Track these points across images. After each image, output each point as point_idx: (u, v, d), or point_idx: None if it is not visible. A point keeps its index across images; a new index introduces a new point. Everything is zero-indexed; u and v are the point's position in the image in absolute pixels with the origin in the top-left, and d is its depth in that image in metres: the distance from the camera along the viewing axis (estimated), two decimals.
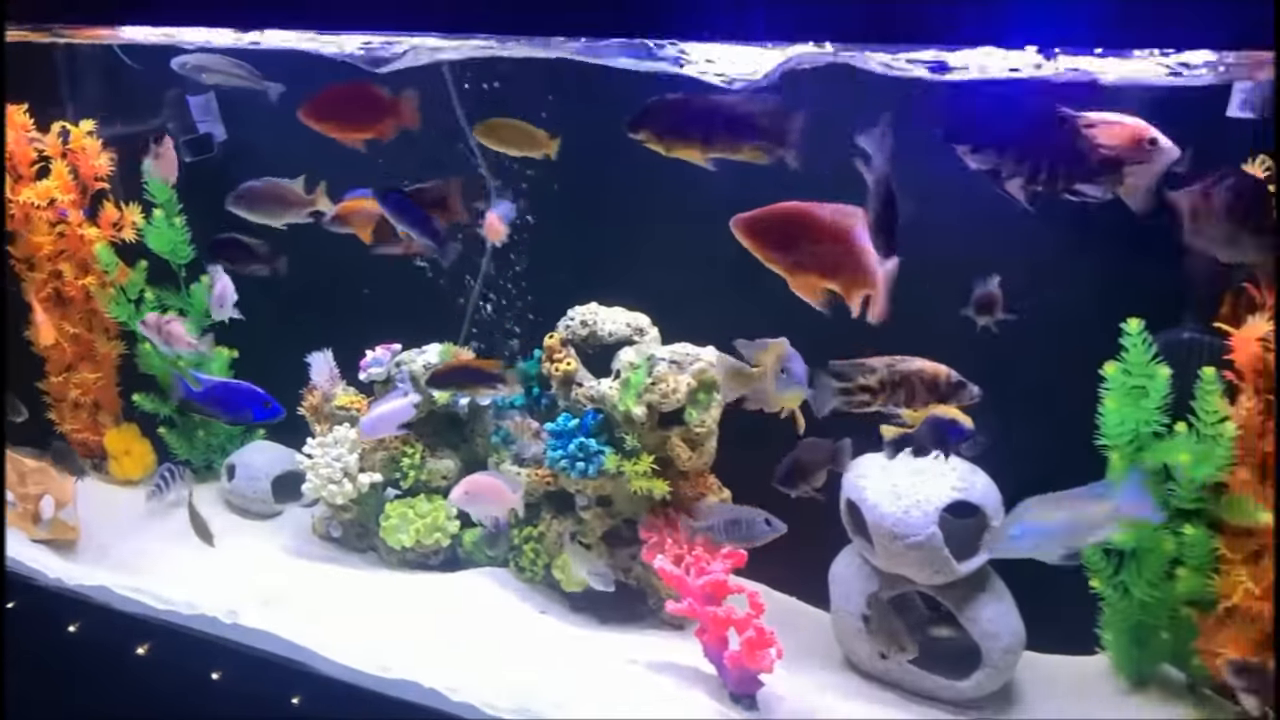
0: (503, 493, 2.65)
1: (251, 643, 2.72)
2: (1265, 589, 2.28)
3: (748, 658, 2.45)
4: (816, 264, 1.91)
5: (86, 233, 3.20)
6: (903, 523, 2.45)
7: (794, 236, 1.91)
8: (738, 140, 1.93)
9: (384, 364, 3.00)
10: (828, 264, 1.91)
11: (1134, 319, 2.27)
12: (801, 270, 1.93)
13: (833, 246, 1.90)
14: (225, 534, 3.13)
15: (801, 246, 1.91)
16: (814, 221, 1.91)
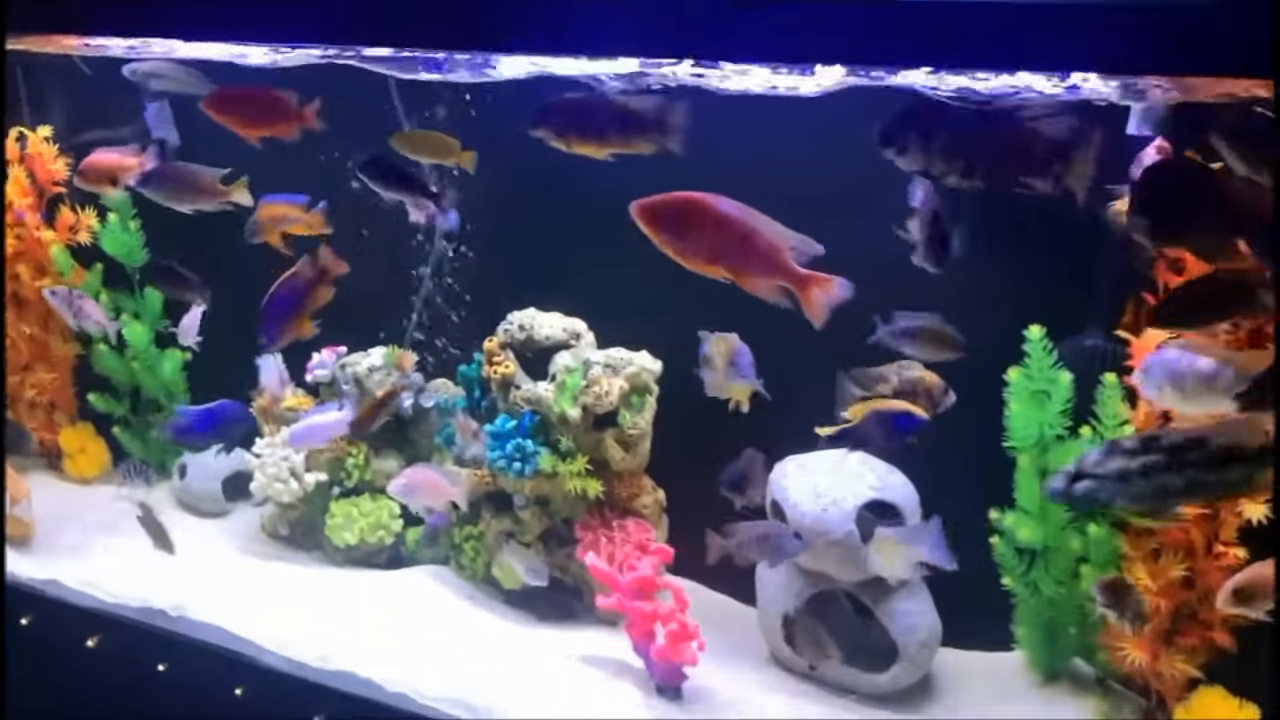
0: (441, 486, 2.74)
1: (198, 635, 2.80)
2: (1163, 586, 2.38)
3: (671, 650, 2.54)
4: (711, 254, 1.98)
5: (43, 235, 3.27)
6: (821, 520, 2.55)
7: (690, 224, 1.98)
8: (628, 135, 2.02)
9: (329, 366, 3.09)
10: (722, 255, 1.97)
11: (1035, 326, 2.38)
12: (694, 257, 1.99)
13: (729, 239, 1.96)
14: (176, 532, 3.20)
15: (695, 235, 1.97)
16: (711, 211, 1.97)
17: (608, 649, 2.76)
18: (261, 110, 2.52)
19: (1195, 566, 2.37)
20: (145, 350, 3.35)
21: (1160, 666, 2.42)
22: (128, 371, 3.39)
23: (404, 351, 3.08)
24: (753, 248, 1.94)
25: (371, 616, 2.84)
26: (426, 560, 3.11)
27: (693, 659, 2.55)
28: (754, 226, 1.94)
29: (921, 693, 2.67)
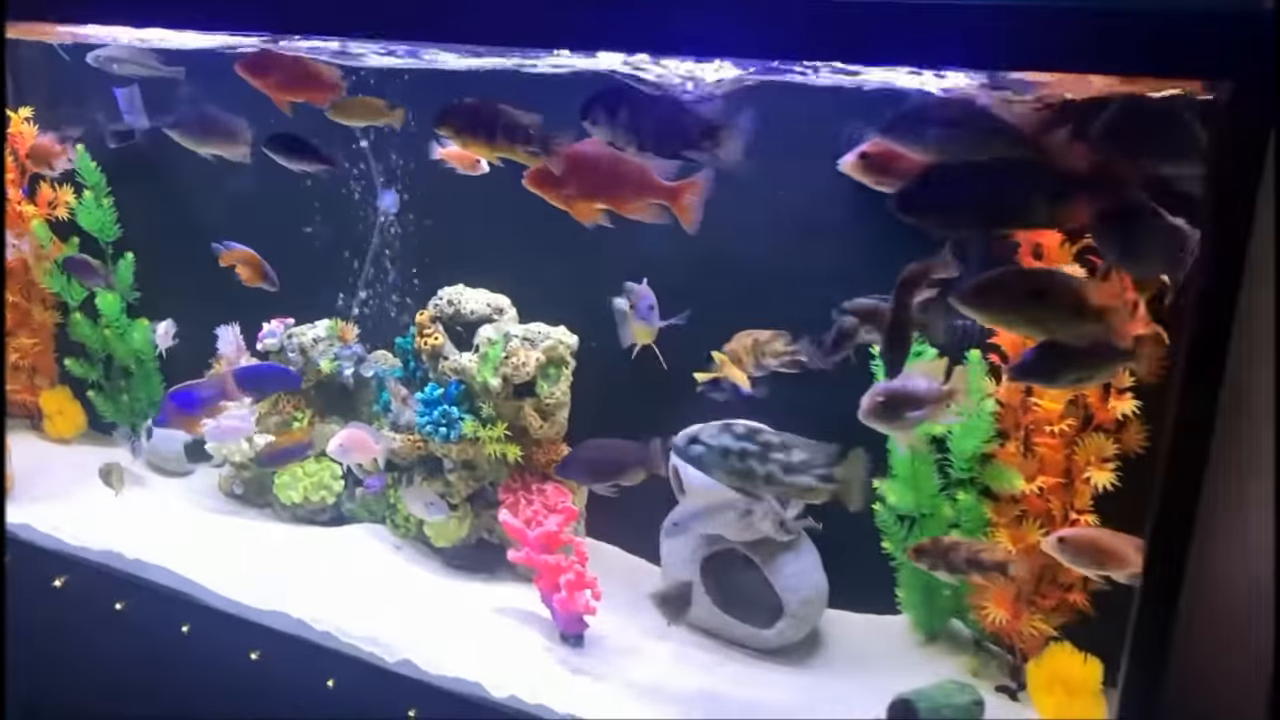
0: (369, 445, 2.97)
1: (151, 578, 3.01)
2: (1023, 549, 2.55)
3: (570, 599, 2.74)
4: (592, 192, 2.21)
5: (24, 210, 3.53)
6: (713, 484, 2.73)
7: (569, 173, 2.19)
8: (512, 143, 2.22)
9: (278, 336, 3.32)
10: (601, 190, 2.21)
11: None
12: (581, 201, 2.22)
13: (604, 176, 2.19)
14: (140, 488, 3.46)
15: (575, 181, 2.20)
16: (583, 156, 2.20)
17: (522, 601, 2.97)
18: (298, 77, 2.64)
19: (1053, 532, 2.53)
20: (117, 319, 3.59)
21: (1021, 625, 2.59)
22: (101, 339, 3.63)
23: (346, 324, 3.31)
24: (624, 177, 2.18)
25: (309, 566, 3.07)
26: (365, 519, 3.33)
27: (588, 608, 2.75)
28: (620, 159, 2.17)
29: (809, 649, 2.85)
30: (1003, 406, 2.56)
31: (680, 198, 2.20)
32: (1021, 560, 2.41)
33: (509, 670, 2.65)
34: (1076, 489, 2.49)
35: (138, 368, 3.66)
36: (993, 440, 2.59)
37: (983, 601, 2.63)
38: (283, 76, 2.64)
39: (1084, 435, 2.47)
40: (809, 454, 2.14)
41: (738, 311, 2.49)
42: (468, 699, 2.59)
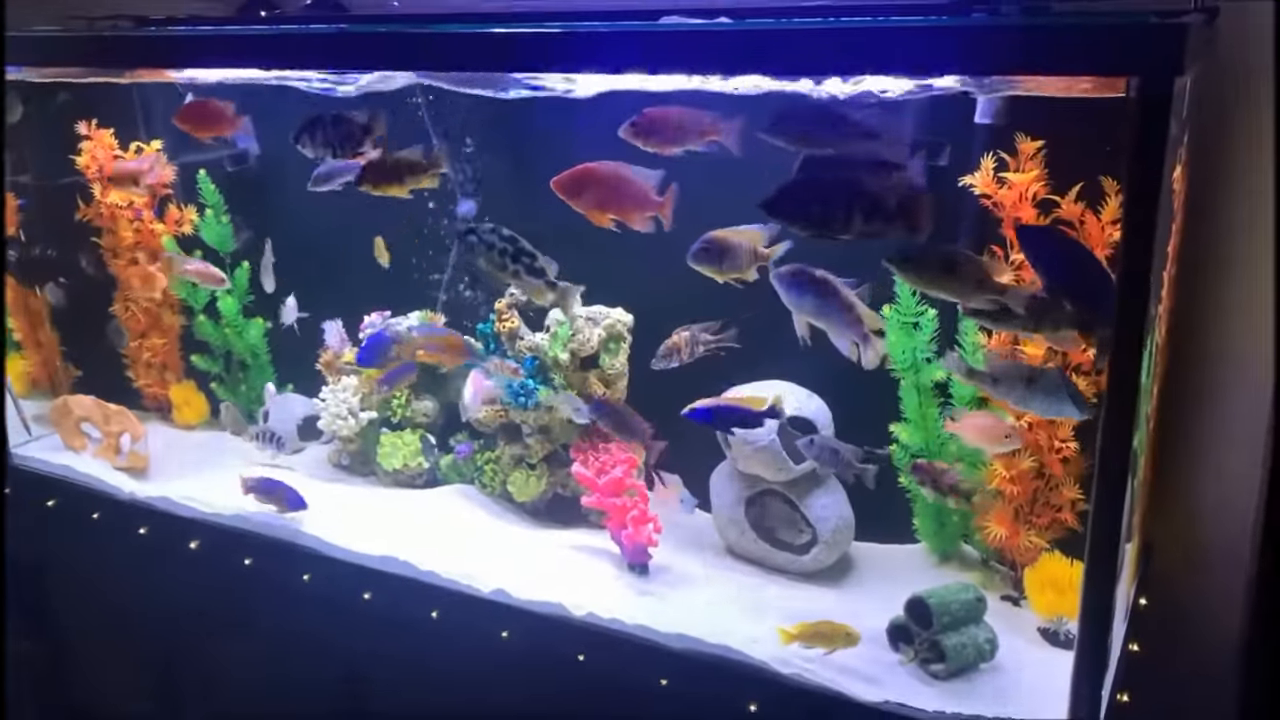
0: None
1: (276, 535, 3.51)
2: (1016, 475, 3.01)
3: (635, 532, 3.25)
4: (601, 205, 2.75)
5: (155, 228, 4.10)
6: (751, 433, 3.23)
7: (583, 187, 2.72)
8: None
9: (377, 326, 3.87)
10: (608, 204, 2.74)
11: None
12: (594, 210, 2.75)
13: (610, 192, 2.73)
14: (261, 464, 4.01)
15: (589, 194, 2.73)
16: (595, 174, 2.73)
17: (594, 543, 3.47)
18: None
19: (1043, 460, 3.00)
20: (235, 319, 4.15)
21: (1018, 542, 3.05)
22: (222, 337, 4.19)
23: (435, 313, 3.84)
24: (626, 194, 2.69)
25: (411, 520, 3.59)
26: (456, 480, 3.86)
27: (651, 540, 3.25)
28: (625, 177, 2.70)
29: (840, 572, 3.32)
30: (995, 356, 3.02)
31: (664, 210, 2.74)
32: (986, 492, 2.93)
33: (586, 595, 3.13)
34: (1059, 423, 2.95)
35: (253, 361, 4.22)
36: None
37: (984, 522, 3.09)
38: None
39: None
40: (547, 266, 2.89)
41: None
42: (552, 618, 3.05)
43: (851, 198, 2.33)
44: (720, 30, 2.45)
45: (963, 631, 2.76)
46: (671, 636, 2.92)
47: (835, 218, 2.35)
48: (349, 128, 2.97)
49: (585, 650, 2.98)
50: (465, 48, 2.73)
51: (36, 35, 3.63)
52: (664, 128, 2.67)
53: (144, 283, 4.04)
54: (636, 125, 2.67)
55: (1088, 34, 2.10)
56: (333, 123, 2.98)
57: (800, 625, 2.79)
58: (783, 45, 2.39)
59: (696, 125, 2.66)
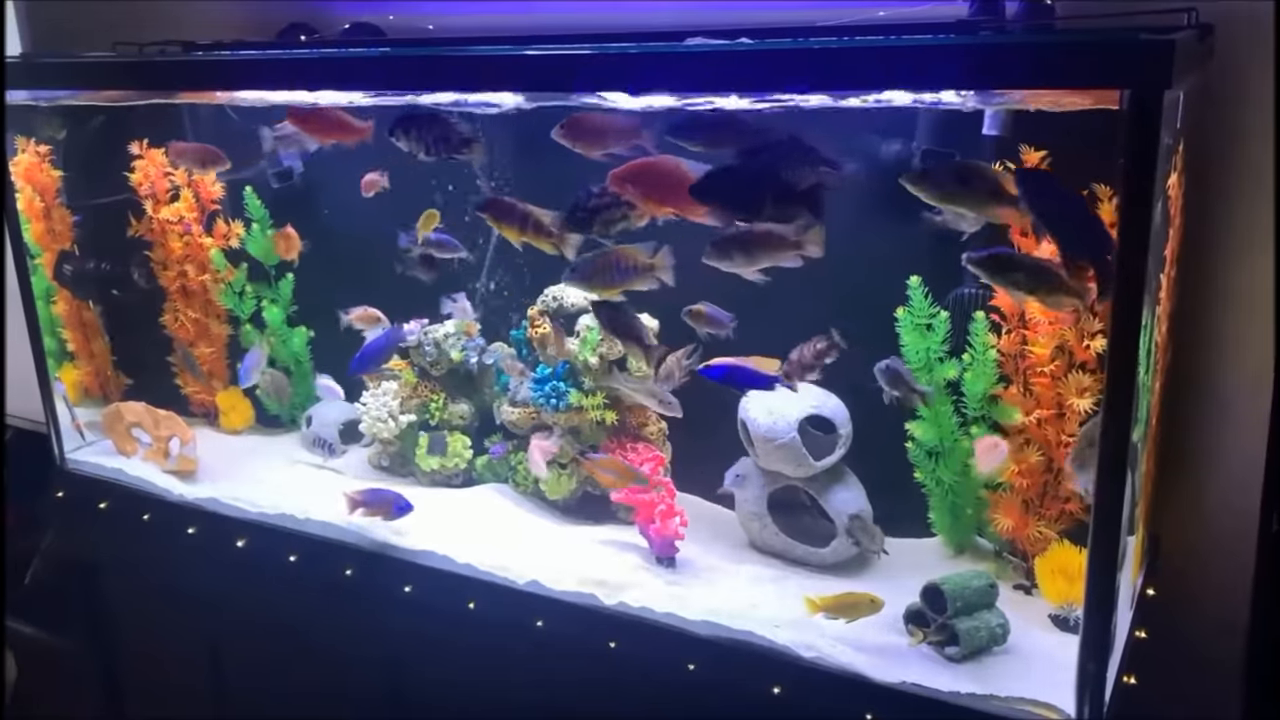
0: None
1: (318, 532, 3.67)
2: (1026, 469, 3.16)
3: (663, 525, 3.41)
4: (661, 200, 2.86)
5: (204, 241, 4.29)
6: (772, 430, 3.37)
7: (644, 181, 2.84)
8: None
9: (415, 333, 4.05)
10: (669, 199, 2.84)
11: (915, 276, 3.19)
12: (653, 205, 2.87)
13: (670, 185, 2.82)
14: (303, 467, 4.20)
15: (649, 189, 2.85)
16: (657, 167, 2.84)
17: (623, 537, 3.63)
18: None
19: (1051, 454, 3.14)
20: (280, 328, 4.35)
21: (1028, 532, 3.19)
22: (267, 345, 4.40)
23: (470, 321, 4.03)
24: (683, 188, 2.78)
25: (448, 517, 3.76)
26: (491, 480, 4.03)
27: (678, 533, 3.41)
28: (683, 171, 2.79)
29: (859, 564, 3.46)
30: (1004, 355, 3.16)
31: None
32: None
33: (616, 586, 3.28)
34: (1067, 418, 3.09)
35: (296, 368, 4.41)
36: (998, 384, 3.20)
37: (994, 514, 3.24)
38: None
39: (1069, 374, 3.07)
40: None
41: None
42: (584, 608, 3.20)
43: (766, 185, 2.63)
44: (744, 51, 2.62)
45: (976, 616, 2.90)
46: (698, 624, 3.06)
47: (753, 204, 2.66)
48: (447, 130, 3.05)
49: (616, 638, 3.13)
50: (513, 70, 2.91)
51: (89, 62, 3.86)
52: (589, 131, 2.90)
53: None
54: (565, 127, 2.91)
55: (1083, 50, 2.25)
56: (431, 121, 3.06)
57: (824, 597, 2.95)
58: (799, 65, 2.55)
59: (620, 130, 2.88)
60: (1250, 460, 3.20)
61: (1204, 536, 3.40)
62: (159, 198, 4.26)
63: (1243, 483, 3.25)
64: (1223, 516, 3.36)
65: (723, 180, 2.73)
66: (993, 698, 2.73)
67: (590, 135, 2.91)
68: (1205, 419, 3.33)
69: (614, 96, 2.87)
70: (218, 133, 4.16)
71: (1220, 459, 3.34)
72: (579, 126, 2.92)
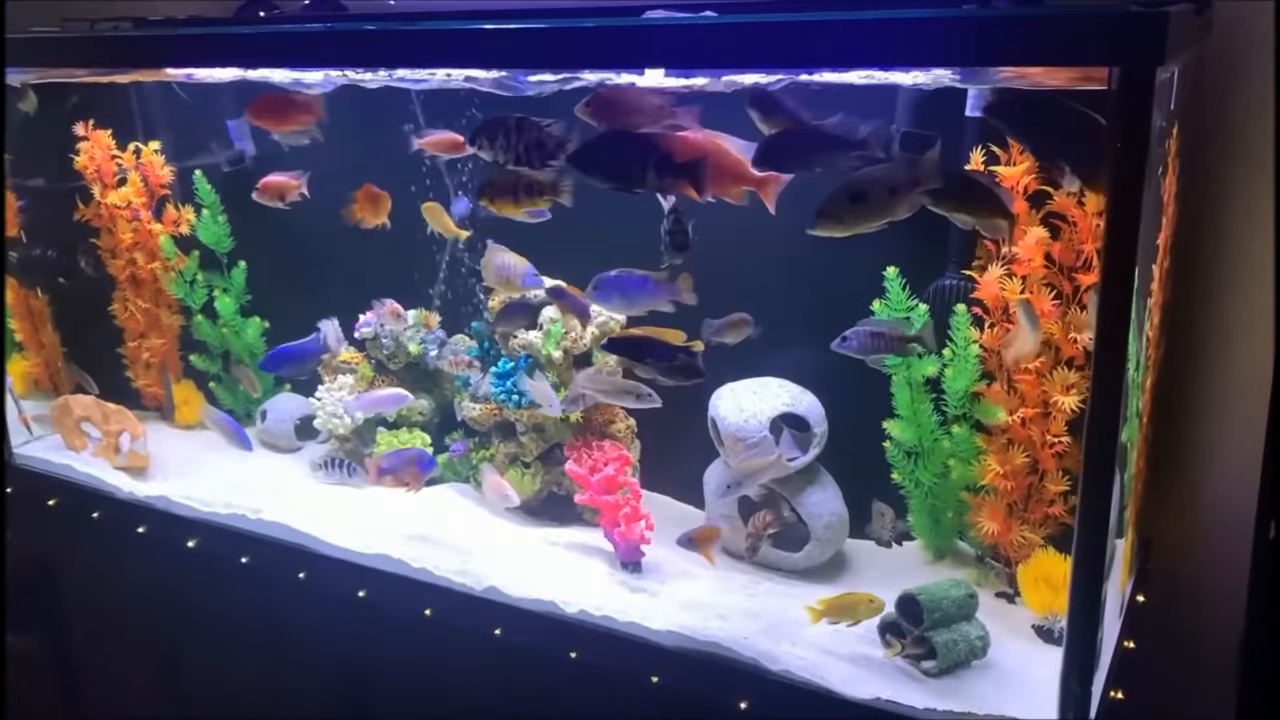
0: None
1: (270, 533, 3.51)
2: (1009, 470, 2.99)
3: (628, 529, 3.24)
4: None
5: (153, 228, 4.10)
6: (743, 429, 3.21)
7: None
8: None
9: (372, 325, 3.87)
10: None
11: (891, 267, 3.02)
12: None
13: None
14: (256, 462, 4.02)
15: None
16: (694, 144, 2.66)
17: (588, 540, 3.46)
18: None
19: (1035, 455, 2.98)
20: (233, 319, 4.17)
21: (1011, 538, 3.03)
22: (220, 337, 4.21)
23: (430, 312, 3.84)
24: (722, 166, 2.64)
25: (406, 519, 3.58)
26: (452, 479, 3.86)
27: (643, 537, 3.24)
28: (721, 148, 2.64)
29: (834, 570, 3.30)
30: (986, 351, 3.00)
31: (765, 186, 2.70)
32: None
33: (578, 593, 3.12)
34: (1053, 417, 2.93)
35: (250, 361, 4.23)
36: (980, 381, 3.03)
37: (978, 518, 3.07)
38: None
39: (1055, 370, 2.91)
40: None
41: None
42: (544, 616, 3.05)
43: (645, 155, 2.57)
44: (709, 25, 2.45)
45: (954, 628, 2.74)
46: (663, 634, 2.92)
47: (631, 173, 2.60)
48: (538, 135, 2.73)
49: (577, 647, 2.98)
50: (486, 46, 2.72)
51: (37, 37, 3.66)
52: (619, 109, 2.67)
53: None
54: (591, 104, 2.67)
55: (1069, 24, 2.08)
56: (519, 128, 2.74)
57: (824, 601, 2.79)
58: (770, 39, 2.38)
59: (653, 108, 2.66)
60: (1246, 459, 3.06)
61: (1197, 539, 3.26)
62: (106, 182, 4.06)
63: (1238, 482, 3.12)
64: (1217, 518, 3.23)
65: (604, 148, 2.64)
66: (970, 715, 2.58)
67: (619, 114, 2.67)
68: (1199, 415, 3.18)
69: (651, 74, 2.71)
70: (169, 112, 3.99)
71: (1214, 458, 3.20)
72: (607, 104, 2.68)
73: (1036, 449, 2.95)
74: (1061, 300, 2.82)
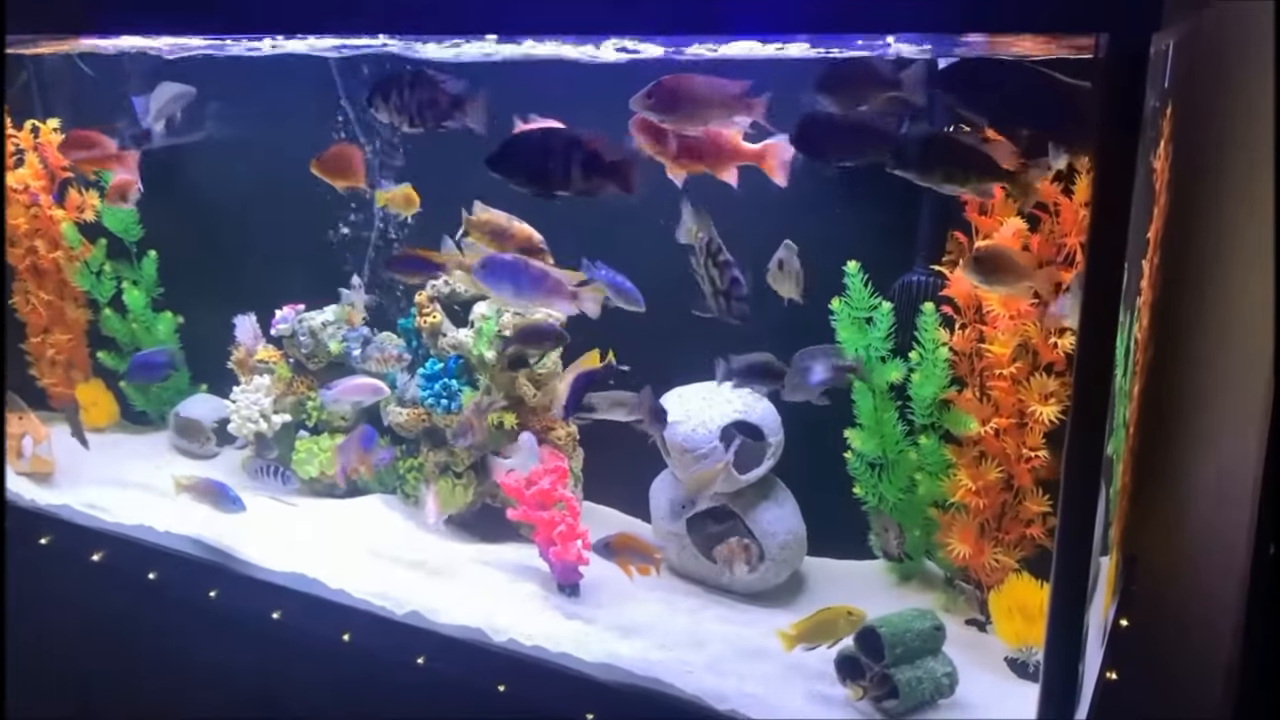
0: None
1: (181, 548, 3.24)
2: (982, 487, 2.71)
3: (563, 549, 2.94)
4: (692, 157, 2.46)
5: (54, 214, 3.79)
6: (690, 439, 2.92)
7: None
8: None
9: (289, 321, 3.55)
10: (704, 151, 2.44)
11: (852, 262, 2.73)
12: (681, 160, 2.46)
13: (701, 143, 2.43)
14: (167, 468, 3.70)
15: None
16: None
17: (522, 558, 3.17)
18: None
19: (1010, 470, 2.70)
20: (143, 313, 3.85)
21: (985, 560, 2.75)
22: (130, 333, 3.89)
23: (353, 309, 3.53)
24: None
25: (325, 533, 3.29)
26: (378, 489, 3.55)
27: (580, 557, 2.95)
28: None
29: (790, 592, 3.03)
30: (957, 354, 2.72)
31: (766, 159, 2.45)
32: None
33: (508, 618, 2.84)
34: (1030, 428, 2.65)
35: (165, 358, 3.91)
36: (950, 387, 2.75)
37: (948, 538, 2.79)
38: None
39: (1033, 377, 2.63)
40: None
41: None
42: (470, 644, 2.78)
43: (569, 155, 2.29)
44: None
45: (918, 665, 2.47)
46: (598, 667, 2.66)
47: (554, 175, 2.31)
48: (434, 93, 2.48)
49: (506, 680, 2.71)
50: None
51: None
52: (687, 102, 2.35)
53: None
54: (652, 96, 2.35)
55: None
56: (414, 85, 2.48)
57: (798, 624, 2.51)
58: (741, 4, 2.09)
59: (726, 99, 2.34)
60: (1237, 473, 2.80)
61: (1184, 560, 3.00)
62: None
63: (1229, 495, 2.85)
64: (1207, 534, 2.96)
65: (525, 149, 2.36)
66: None
67: (686, 107, 2.36)
68: (1190, 422, 2.92)
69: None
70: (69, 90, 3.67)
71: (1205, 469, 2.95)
72: (672, 96, 2.35)
73: (1011, 463, 2.69)
74: (1039, 300, 2.53)
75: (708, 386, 3.01)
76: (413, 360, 3.39)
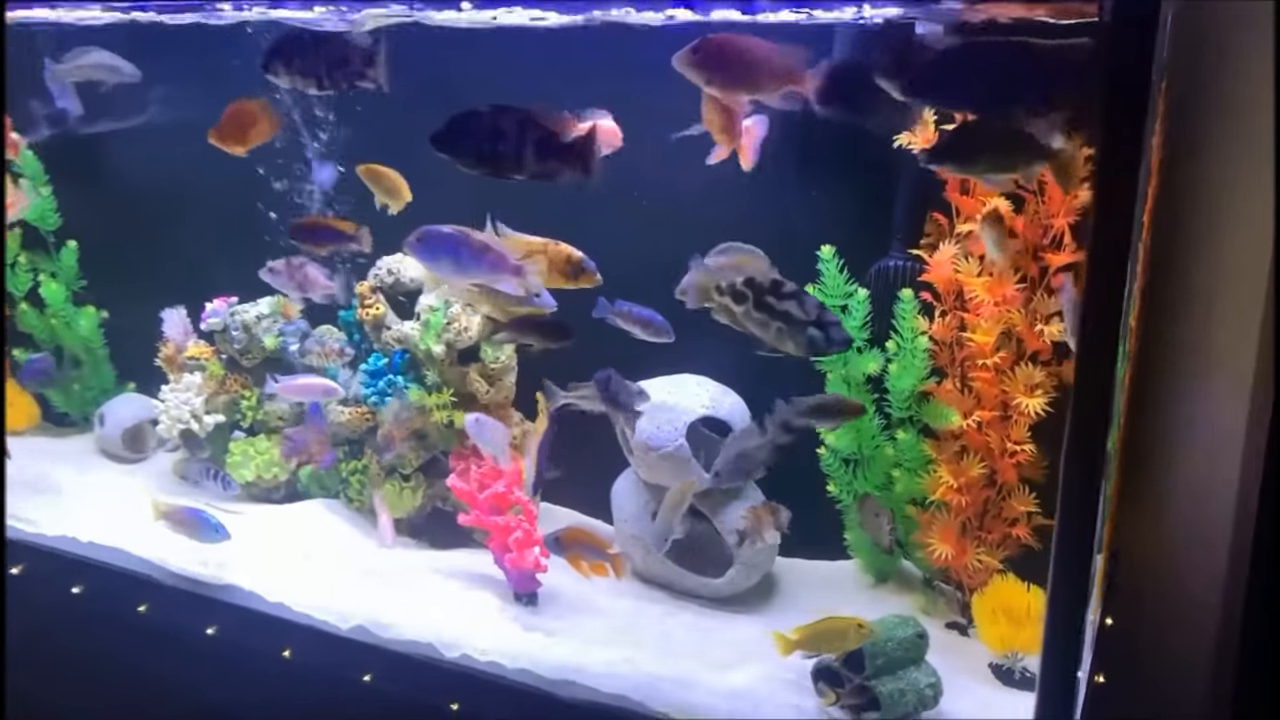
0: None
1: (107, 560, 3.02)
2: (964, 484, 2.57)
3: (519, 556, 2.76)
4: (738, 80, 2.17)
5: None
6: (655, 436, 2.75)
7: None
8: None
9: (220, 315, 3.32)
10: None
11: (826, 246, 2.57)
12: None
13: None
14: (93, 474, 3.46)
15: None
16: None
17: (477, 566, 2.98)
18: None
19: (993, 465, 2.55)
20: (63, 308, 3.60)
21: (967, 560, 2.61)
22: (48, 329, 3.63)
23: (288, 301, 3.30)
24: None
25: (263, 542, 3.07)
26: (320, 494, 3.33)
27: (538, 565, 2.76)
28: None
29: (761, 596, 2.87)
30: (937, 343, 2.57)
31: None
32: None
33: (461, 631, 2.66)
34: (1014, 421, 2.51)
35: (87, 356, 3.66)
36: (930, 378, 2.60)
37: (929, 538, 2.64)
38: None
39: (1017, 367, 2.48)
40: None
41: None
42: (420, 660, 2.61)
43: (523, 135, 2.10)
44: None
45: (900, 676, 2.33)
46: (558, 683, 2.50)
47: (505, 156, 2.11)
48: (343, 52, 2.27)
49: (460, 698, 2.53)
50: None
51: None
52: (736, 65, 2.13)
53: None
54: (699, 53, 2.12)
55: None
56: (316, 44, 2.29)
57: (800, 629, 2.32)
58: None
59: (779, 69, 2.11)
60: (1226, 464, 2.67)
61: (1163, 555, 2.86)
62: None
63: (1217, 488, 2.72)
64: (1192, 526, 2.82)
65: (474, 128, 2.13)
66: None
67: (733, 71, 2.13)
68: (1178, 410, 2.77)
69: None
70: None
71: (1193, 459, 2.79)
72: (718, 57, 2.12)
73: (995, 458, 2.55)
74: (1027, 284, 2.38)
75: (673, 380, 2.84)
76: (355, 355, 3.16)
